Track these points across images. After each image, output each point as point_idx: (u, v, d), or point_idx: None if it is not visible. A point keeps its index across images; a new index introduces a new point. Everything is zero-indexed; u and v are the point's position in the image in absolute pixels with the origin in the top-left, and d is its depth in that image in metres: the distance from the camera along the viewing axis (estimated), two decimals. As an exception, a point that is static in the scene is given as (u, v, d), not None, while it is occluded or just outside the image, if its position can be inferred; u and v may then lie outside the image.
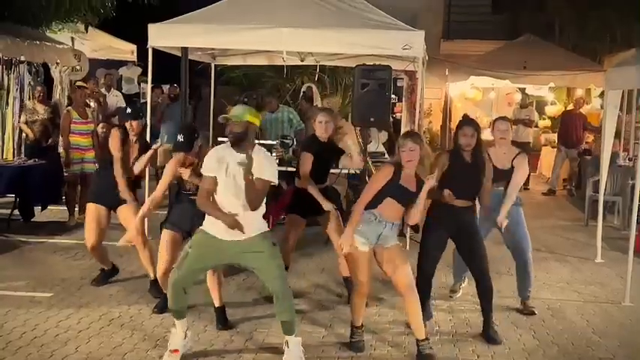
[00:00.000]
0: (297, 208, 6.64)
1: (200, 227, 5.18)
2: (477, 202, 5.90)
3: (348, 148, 7.13)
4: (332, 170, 6.98)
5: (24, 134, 10.54)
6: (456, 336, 5.90)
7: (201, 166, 5.31)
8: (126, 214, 6.59)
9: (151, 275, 6.57)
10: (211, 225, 5.06)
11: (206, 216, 5.13)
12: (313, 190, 6.33)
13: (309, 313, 6.29)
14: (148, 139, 8.09)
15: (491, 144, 6.34)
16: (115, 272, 7.08)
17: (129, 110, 6.74)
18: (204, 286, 5.88)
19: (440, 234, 5.78)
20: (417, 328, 5.32)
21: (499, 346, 5.68)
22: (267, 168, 4.98)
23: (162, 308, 6.02)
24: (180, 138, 5.67)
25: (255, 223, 5.06)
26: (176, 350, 5.18)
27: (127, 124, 6.60)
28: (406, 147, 5.18)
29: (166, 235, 5.95)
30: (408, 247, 7.99)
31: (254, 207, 4.96)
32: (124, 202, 6.57)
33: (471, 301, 6.55)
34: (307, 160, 6.44)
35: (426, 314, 5.74)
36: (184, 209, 5.90)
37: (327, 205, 6.31)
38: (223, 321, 5.90)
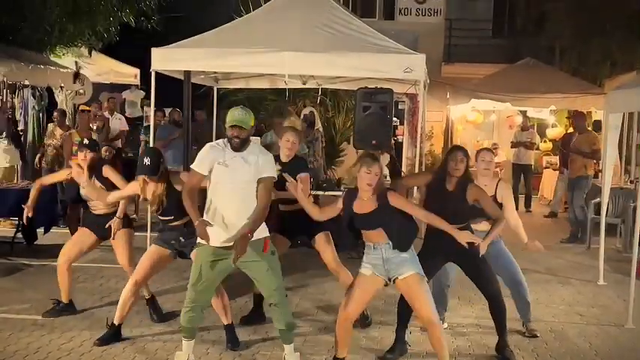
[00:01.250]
0: (283, 230, 6.50)
1: (197, 242, 5.21)
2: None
3: None
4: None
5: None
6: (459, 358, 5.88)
7: (164, 190, 5.64)
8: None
9: (146, 294, 6.59)
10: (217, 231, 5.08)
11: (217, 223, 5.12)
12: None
13: (309, 336, 6.27)
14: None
15: (475, 175, 6.10)
16: (72, 309, 6.72)
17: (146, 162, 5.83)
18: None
19: (434, 262, 5.69)
20: (441, 357, 5.18)
21: (502, 368, 5.67)
22: (267, 166, 5.16)
23: (106, 340, 5.89)
24: (146, 161, 5.65)
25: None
26: None
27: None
28: (372, 170, 5.03)
29: (154, 248, 5.98)
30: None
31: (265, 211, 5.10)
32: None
33: (473, 324, 6.54)
34: None
35: (400, 347, 5.78)
36: (170, 234, 5.95)
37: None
38: (234, 340, 5.89)
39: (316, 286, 7.97)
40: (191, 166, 5.23)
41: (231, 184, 5.05)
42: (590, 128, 11.90)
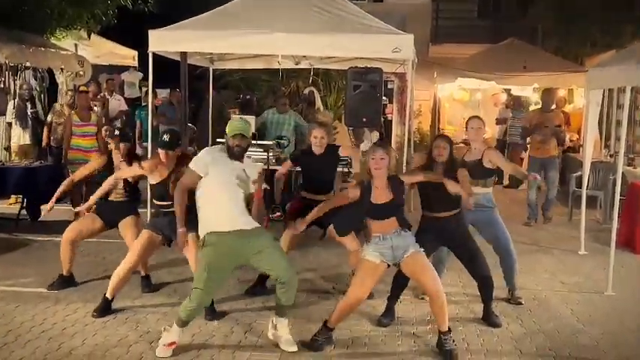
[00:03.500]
0: (303, 215, 6.56)
1: (212, 235, 5.14)
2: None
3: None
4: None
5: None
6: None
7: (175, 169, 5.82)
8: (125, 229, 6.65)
9: (142, 272, 6.67)
10: (210, 224, 5.12)
11: (200, 221, 5.18)
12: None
13: (301, 308, 6.27)
14: (150, 138, 8.73)
15: (467, 144, 6.49)
16: (72, 282, 6.75)
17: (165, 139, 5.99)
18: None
19: (429, 245, 5.72)
20: (440, 323, 5.27)
21: (488, 334, 5.71)
22: (252, 171, 5.31)
23: (102, 311, 5.91)
24: (165, 138, 5.88)
25: (251, 220, 5.20)
26: (173, 343, 5.15)
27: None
28: (376, 155, 5.20)
29: (146, 233, 6.00)
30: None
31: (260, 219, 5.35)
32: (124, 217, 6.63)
33: (460, 293, 6.59)
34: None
35: (390, 315, 5.94)
36: (163, 220, 5.98)
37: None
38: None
39: (307, 260, 7.99)
40: (189, 166, 5.22)
41: (231, 187, 5.15)
42: (553, 107, 11.65)
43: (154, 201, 6.14)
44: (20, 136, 11.00)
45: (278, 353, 5.16)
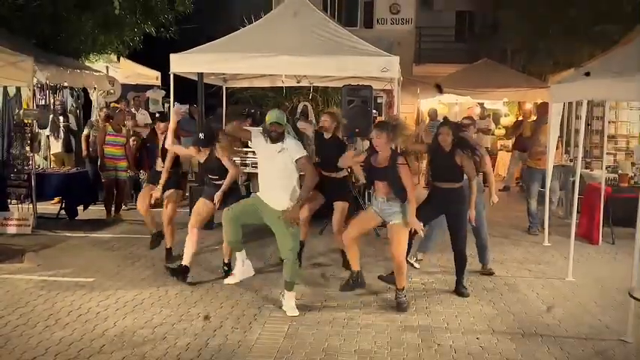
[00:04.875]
0: (321, 189, 6.67)
1: (256, 194, 5.85)
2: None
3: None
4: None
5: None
6: (430, 307, 5.93)
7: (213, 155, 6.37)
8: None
9: (167, 244, 7.18)
10: (261, 194, 5.73)
11: (260, 188, 5.74)
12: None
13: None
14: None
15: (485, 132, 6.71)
16: (161, 237, 7.40)
17: (201, 136, 6.53)
18: (211, 266, 6.09)
19: (428, 209, 6.18)
20: (397, 282, 5.82)
21: (465, 315, 5.72)
22: (297, 149, 5.59)
23: (176, 272, 6.42)
24: (201, 136, 6.45)
25: (285, 200, 5.57)
26: (233, 274, 6.23)
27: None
28: (373, 135, 5.66)
29: (201, 201, 6.51)
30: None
31: (313, 182, 5.63)
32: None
33: (437, 266, 6.62)
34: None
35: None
36: (214, 189, 6.42)
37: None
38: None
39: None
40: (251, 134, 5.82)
41: (269, 164, 5.60)
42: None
43: (208, 175, 6.64)
44: (54, 146, 11.04)
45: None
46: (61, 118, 11.18)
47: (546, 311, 5.85)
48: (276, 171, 5.56)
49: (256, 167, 6.76)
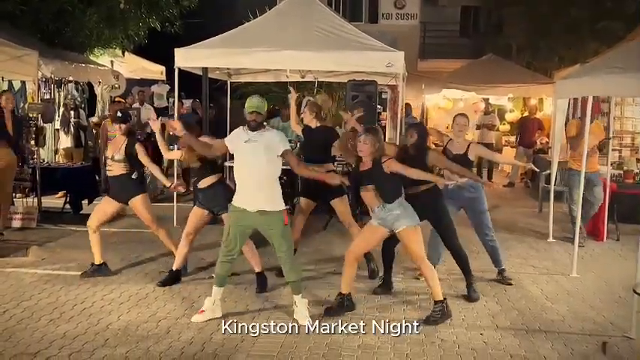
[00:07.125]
0: (308, 193, 6.64)
1: (230, 203, 5.36)
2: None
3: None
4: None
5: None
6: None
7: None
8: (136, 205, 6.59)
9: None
10: (239, 199, 5.24)
11: (239, 191, 5.24)
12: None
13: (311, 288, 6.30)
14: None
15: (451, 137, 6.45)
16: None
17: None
18: (214, 260, 5.92)
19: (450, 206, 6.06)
20: (432, 292, 5.42)
21: (469, 311, 5.71)
22: (279, 141, 5.20)
23: (167, 282, 6.20)
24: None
25: (271, 201, 5.19)
26: (202, 310, 5.31)
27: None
28: (361, 139, 5.30)
29: (195, 209, 6.23)
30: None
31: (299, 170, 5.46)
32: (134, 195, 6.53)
33: (444, 272, 6.60)
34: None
35: (387, 286, 6.08)
36: (199, 196, 6.19)
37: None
38: (263, 286, 6.10)
39: (313, 246, 8.00)
40: (225, 140, 5.41)
41: (250, 159, 5.14)
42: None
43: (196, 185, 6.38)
44: (64, 141, 11.07)
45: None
46: (72, 113, 11.20)
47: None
48: (257, 165, 5.10)
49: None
